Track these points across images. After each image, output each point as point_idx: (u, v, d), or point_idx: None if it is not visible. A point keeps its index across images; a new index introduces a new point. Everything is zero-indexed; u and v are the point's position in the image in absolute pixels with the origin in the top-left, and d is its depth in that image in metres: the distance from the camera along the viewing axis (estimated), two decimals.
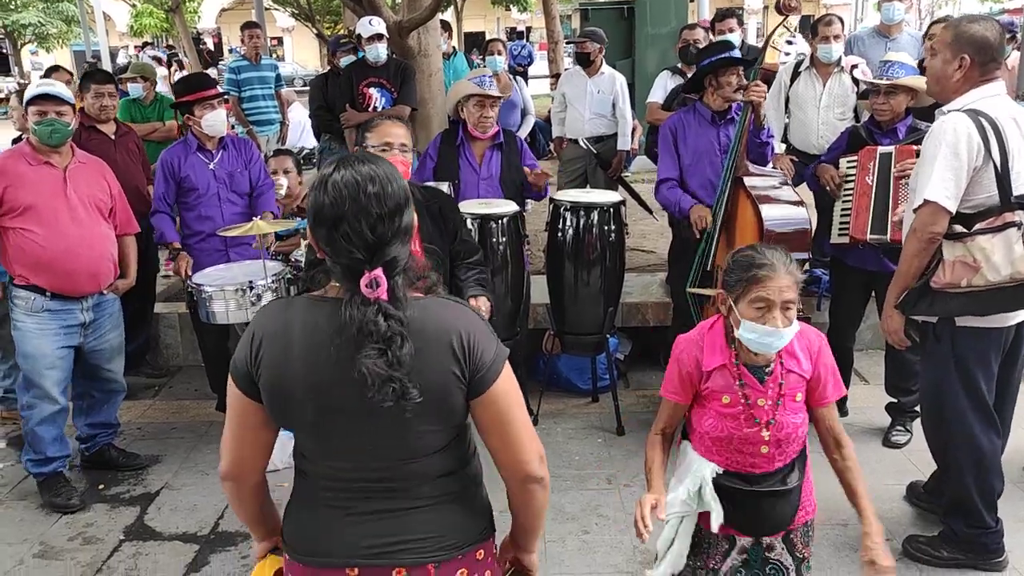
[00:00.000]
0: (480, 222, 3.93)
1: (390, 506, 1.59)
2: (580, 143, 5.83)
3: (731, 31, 5.48)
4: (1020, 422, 3.37)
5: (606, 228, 4.14)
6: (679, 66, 5.65)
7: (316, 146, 7.56)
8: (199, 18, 31.82)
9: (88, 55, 17.12)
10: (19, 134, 4.69)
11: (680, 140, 4.04)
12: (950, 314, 2.87)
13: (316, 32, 19.85)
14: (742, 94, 3.76)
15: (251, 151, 4.35)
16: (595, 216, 4.13)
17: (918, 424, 3.65)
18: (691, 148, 4.01)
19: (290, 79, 20.76)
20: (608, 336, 4.33)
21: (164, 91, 6.79)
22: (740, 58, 3.97)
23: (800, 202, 3.76)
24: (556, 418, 4.43)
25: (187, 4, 24.51)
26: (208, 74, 5.07)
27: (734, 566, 2.21)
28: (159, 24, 28.19)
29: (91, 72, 5.05)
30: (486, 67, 6.40)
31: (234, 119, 6.80)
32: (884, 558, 2.07)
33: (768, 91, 4.56)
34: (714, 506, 2.14)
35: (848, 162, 3.88)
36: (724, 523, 2.15)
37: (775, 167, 4.06)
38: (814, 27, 5.02)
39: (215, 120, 4.09)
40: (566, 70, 8.56)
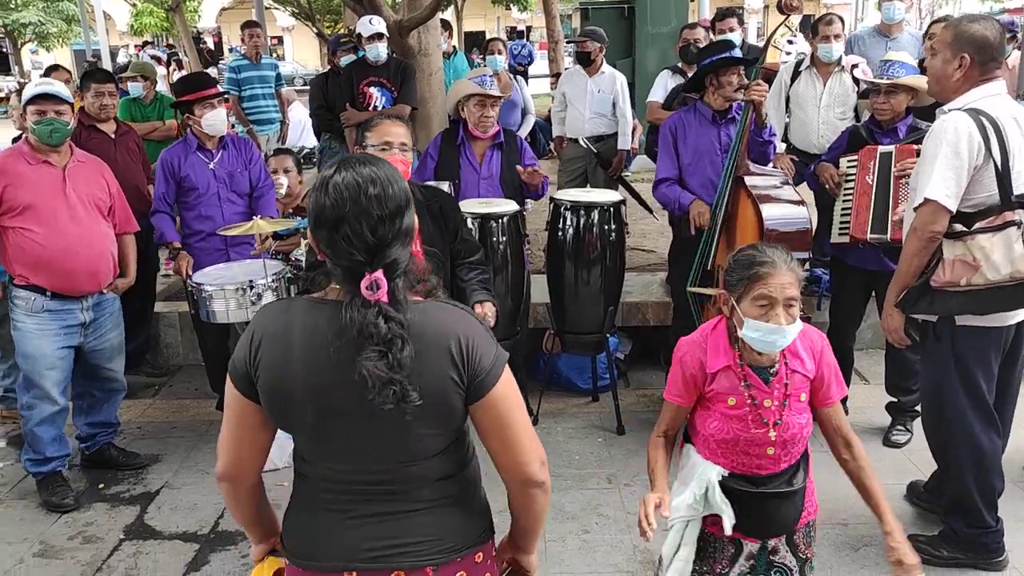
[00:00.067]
0: (480, 221, 3.93)
1: (389, 509, 1.58)
2: (580, 142, 5.82)
3: (731, 30, 5.47)
4: (1020, 421, 3.37)
5: (606, 227, 4.14)
6: (679, 65, 5.65)
7: (316, 145, 7.56)
8: (199, 17, 31.79)
9: (88, 54, 17.11)
10: (19, 133, 4.69)
11: (680, 139, 4.03)
12: (950, 313, 2.87)
13: (316, 31, 19.89)
14: (743, 93, 3.75)
15: (251, 151, 4.35)
16: (595, 215, 4.13)
17: (918, 424, 3.65)
18: (691, 147, 4.00)
19: (290, 78, 20.76)
20: (608, 335, 4.33)
21: (163, 90, 6.78)
22: (741, 58, 3.96)
23: (801, 201, 3.76)
24: (556, 417, 4.44)
25: (187, 3, 24.52)
26: (208, 73, 5.06)
27: (742, 572, 2.18)
28: (159, 23, 28.19)
29: (91, 71, 5.05)
30: (486, 66, 6.40)
31: (234, 118, 6.80)
32: (910, 556, 2.07)
33: (769, 90, 4.57)
34: (725, 509, 2.11)
35: (848, 161, 3.88)
36: (731, 525, 2.12)
37: (775, 167, 4.06)
38: (814, 26, 5.01)
39: (215, 119, 4.09)
40: (566, 69, 8.55)
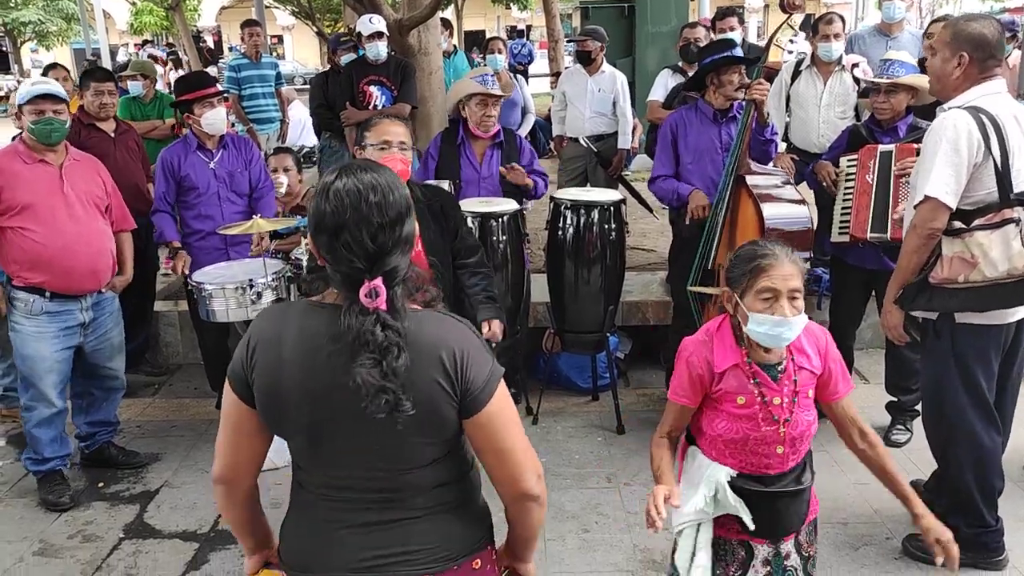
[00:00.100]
0: (481, 220, 3.93)
1: (385, 517, 1.57)
2: (580, 141, 5.82)
3: (732, 29, 5.46)
4: (1021, 421, 3.37)
5: (606, 226, 4.14)
6: (680, 64, 5.64)
7: (316, 144, 7.55)
8: (199, 16, 31.80)
9: (88, 53, 17.09)
10: (20, 131, 4.68)
11: (681, 138, 4.03)
12: (948, 309, 2.88)
13: (316, 30, 19.88)
14: (745, 92, 3.75)
15: (251, 151, 4.34)
16: (595, 215, 4.12)
17: (918, 423, 3.65)
18: (692, 146, 4.00)
19: (290, 77, 20.79)
20: (608, 335, 4.33)
21: (160, 89, 6.77)
22: (742, 56, 3.96)
23: (802, 201, 3.76)
24: (556, 416, 4.43)
25: (187, 2, 24.52)
26: (208, 72, 5.06)
27: None
28: (159, 22, 28.20)
29: (91, 70, 5.04)
30: (486, 65, 6.39)
31: (234, 117, 6.79)
32: (945, 532, 2.07)
33: (770, 90, 4.56)
34: (740, 509, 2.07)
35: (848, 161, 3.88)
36: (740, 527, 2.10)
37: (776, 166, 4.06)
38: (815, 26, 5.01)
39: (215, 118, 4.08)
40: (566, 68, 8.54)
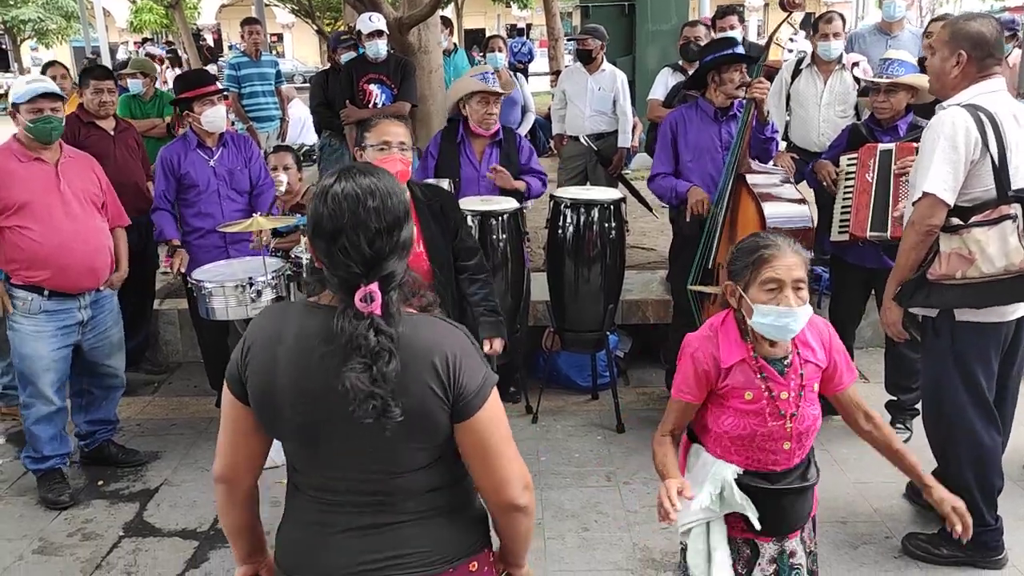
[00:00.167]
0: (480, 219, 3.93)
1: (379, 521, 1.56)
2: (581, 140, 5.82)
3: (732, 28, 5.45)
4: (1021, 420, 3.37)
5: (606, 225, 4.14)
6: (680, 63, 5.63)
7: (316, 142, 7.55)
8: (199, 14, 31.79)
9: (88, 51, 17.06)
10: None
11: (681, 136, 4.02)
12: (946, 306, 2.89)
13: (316, 28, 19.90)
14: (745, 91, 3.74)
15: (251, 149, 4.34)
16: (595, 213, 4.12)
17: (918, 422, 3.65)
18: (692, 145, 3.99)
19: (290, 75, 20.78)
20: (608, 333, 4.33)
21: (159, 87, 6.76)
22: (743, 54, 3.94)
23: (802, 200, 3.76)
24: (556, 415, 4.43)
25: (187, 0, 24.49)
26: (208, 70, 5.04)
27: None
28: (159, 20, 28.18)
29: (90, 68, 5.03)
30: (487, 64, 6.39)
31: (234, 115, 6.79)
32: (956, 500, 2.09)
33: (770, 88, 4.55)
34: (747, 506, 2.06)
35: (848, 159, 3.88)
36: (745, 525, 2.09)
37: (776, 165, 4.05)
38: (815, 24, 5.01)
39: (215, 116, 4.08)
40: (566, 67, 8.54)
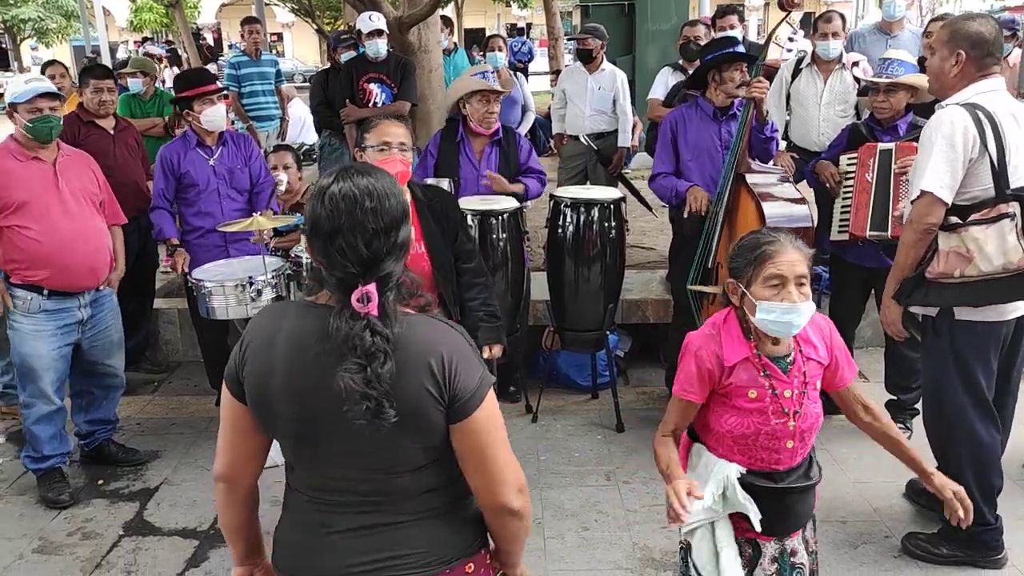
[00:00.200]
0: (480, 218, 3.93)
1: (374, 521, 1.56)
2: (581, 139, 5.82)
3: (732, 28, 5.46)
4: (1021, 419, 3.37)
5: (606, 225, 4.14)
6: (680, 62, 5.64)
7: (316, 141, 7.54)
8: (199, 13, 31.77)
9: (88, 50, 17.04)
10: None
11: (681, 135, 4.02)
12: (945, 304, 2.90)
13: (316, 28, 19.85)
14: (744, 90, 3.74)
15: (251, 147, 4.34)
16: (595, 213, 4.12)
17: (917, 421, 3.66)
18: (692, 144, 3.99)
19: (290, 75, 20.77)
20: (608, 333, 4.33)
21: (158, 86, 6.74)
22: (744, 53, 3.94)
23: (802, 199, 3.76)
24: (556, 415, 4.44)
25: None
26: (208, 69, 5.04)
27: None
28: (159, 19, 28.17)
29: (90, 67, 5.03)
30: (486, 63, 6.39)
31: (234, 115, 6.78)
32: (956, 484, 2.10)
33: (770, 88, 4.55)
34: (749, 506, 2.04)
35: (848, 159, 3.88)
36: (748, 525, 2.07)
37: (776, 164, 4.05)
38: (815, 24, 5.01)
39: (214, 115, 4.07)
40: (566, 66, 8.54)
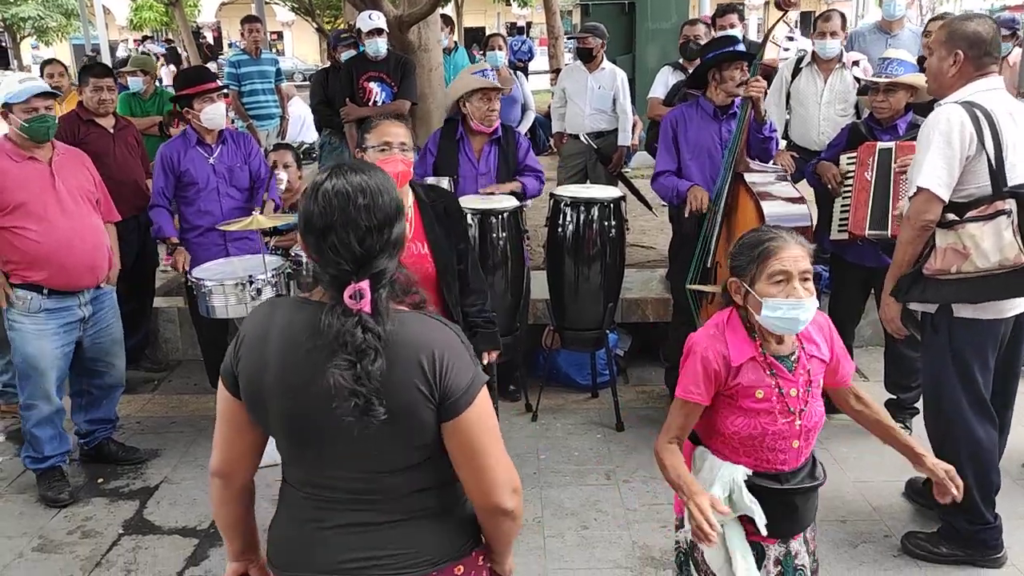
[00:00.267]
0: (480, 217, 3.93)
1: (364, 520, 1.56)
2: (580, 138, 5.82)
3: (732, 26, 5.45)
4: (1021, 419, 3.37)
5: (606, 224, 4.14)
6: (680, 61, 5.64)
7: (317, 140, 7.54)
8: (199, 12, 31.73)
9: (88, 49, 17.01)
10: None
11: (681, 134, 4.01)
12: (942, 300, 2.91)
13: (316, 26, 19.86)
14: (742, 90, 3.74)
15: (250, 145, 4.34)
16: (595, 212, 4.12)
17: (918, 420, 3.66)
18: (692, 143, 3.99)
19: (290, 73, 20.73)
20: (608, 332, 4.33)
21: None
22: (744, 52, 3.93)
23: (801, 198, 3.75)
24: (555, 414, 4.44)
25: None
26: (208, 68, 5.04)
27: None
28: (159, 18, 28.14)
29: (90, 65, 5.03)
30: (486, 62, 6.38)
31: (234, 113, 6.78)
32: (948, 465, 2.12)
33: (769, 87, 4.55)
34: (755, 509, 2.02)
35: (848, 158, 3.88)
36: (753, 528, 2.05)
37: (776, 163, 4.06)
38: (814, 23, 5.01)
39: (214, 113, 4.07)
40: (566, 65, 8.53)
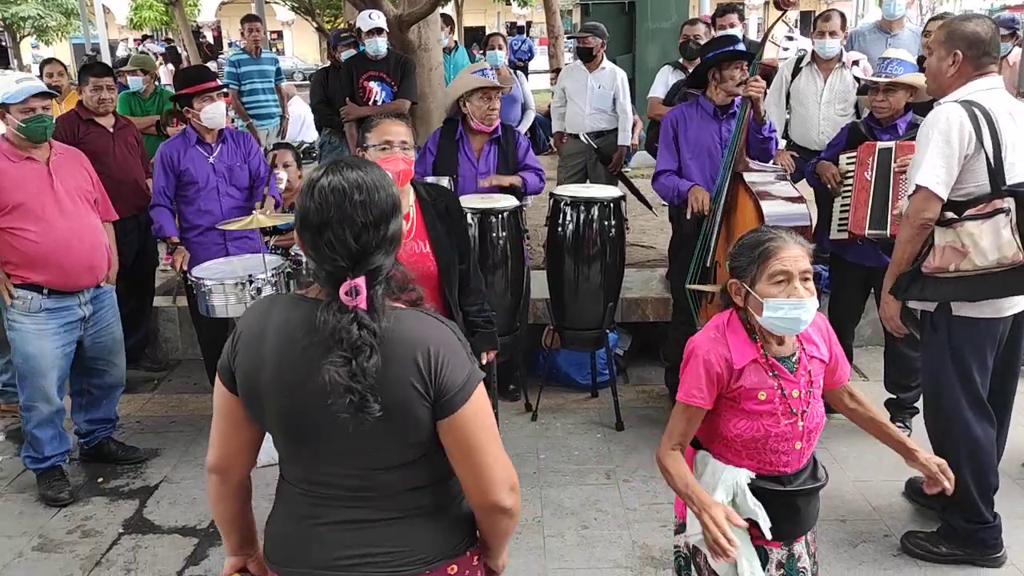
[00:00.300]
0: (480, 217, 3.93)
1: (358, 516, 1.56)
2: (580, 138, 5.82)
3: (732, 26, 5.45)
4: (1021, 418, 3.37)
5: (606, 223, 4.14)
6: (680, 61, 5.64)
7: (317, 140, 7.54)
8: (199, 11, 31.72)
9: (87, 48, 17.03)
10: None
11: (681, 133, 4.01)
12: (940, 298, 2.91)
13: (316, 26, 19.86)
14: (742, 89, 3.74)
15: (250, 144, 4.34)
16: (595, 211, 4.12)
17: (917, 420, 3.66)
18: (692, 142, 3.99)
19: (290, 73, 20.72)
20: (608, 331, 4.33)
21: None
22: (744, 51, 3.93)
23: (800, 198, 3.75)
24: (555, 413, 4.44)
25: None
26: (208, 67, 5.04)
27: None
28: (159, 17, 28.15)
29: (89, 65, 5.03)
30: (486, 61, 6.38)
31: (234, 113, 6.78)
32: (941, 460, 2.14)
33: (768, 87, 4.55)
34: (759, 512, 2.01)
35: (848, 158, 3.88)
36: (758, 532, 2.04)
37: (776, 163, 4.06)
38: (814, 22, 5.01)
39: (214, 112, 4.06)
40: (566, 65, 8.53)
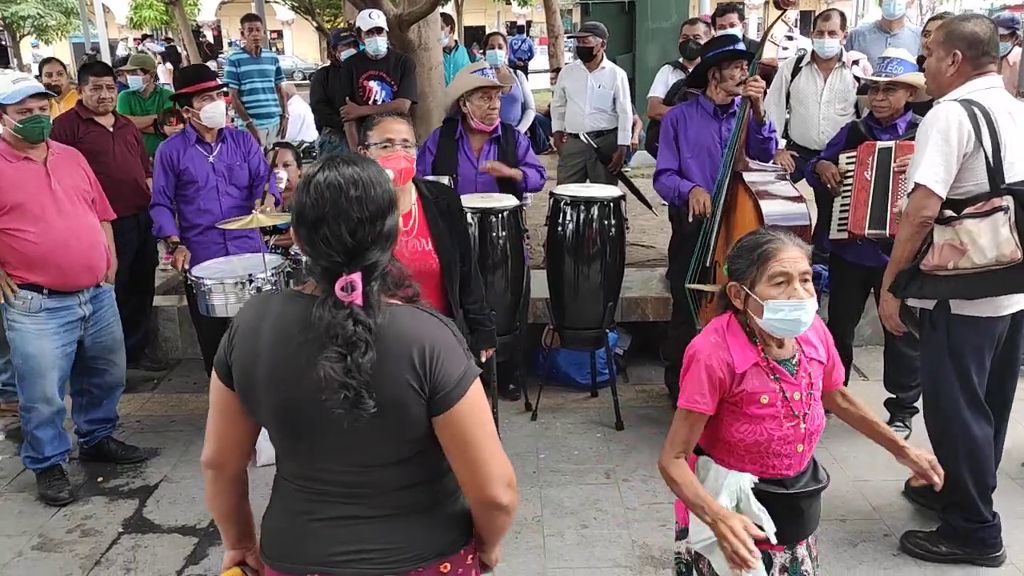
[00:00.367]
0: (480, 216, 3.93)
1: (352, 513, 1.56)
2: (580, 138, 5.82)
3: (732, 26, 5.45)
4: (1020, 418, 3.37)
5: (606, 223, 4.14)
6: (680, 60, 5.64)
7: (317, 139, 7.54)
8: (199, 11, 31.75)
9: (87, 47, 17.05)
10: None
11: (681, 133, 4.01)
12: (939, 296, 2.92)
13: (316, 25, 19.89)
14: (742, 89, 3.74)
15: (249, 143, 4.34)
16: (595, 211, 4.12)
17: (917, 419, 3.66)
18: (692, 141, 3.99)
19: (290, 72, 20.71)
20: (607, 331, 4.33)
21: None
22: (744, 51, 3.94)
23: (800, 197, 3.76)
24: (555, 413, 4.44)
25: None
26: (208, 66, 5.04)
27: None
28: (159, 16, 28.17)
29: (89, 64, 5.03)
30: (486, 61, 6.38)
31: (234, 112, 6.78)
32: (931, 455, 2.18)
33: (768, 87, 4.55)
34: (763, 517, 2.00)
35: (847, 158, 3.88)
36: (762, 535, 2.02)
37: (776, 163, 4.06)
38: (814, 22, 5.01)
39: (214, 112, 4.06)
40: (566, 64, 8.52)
